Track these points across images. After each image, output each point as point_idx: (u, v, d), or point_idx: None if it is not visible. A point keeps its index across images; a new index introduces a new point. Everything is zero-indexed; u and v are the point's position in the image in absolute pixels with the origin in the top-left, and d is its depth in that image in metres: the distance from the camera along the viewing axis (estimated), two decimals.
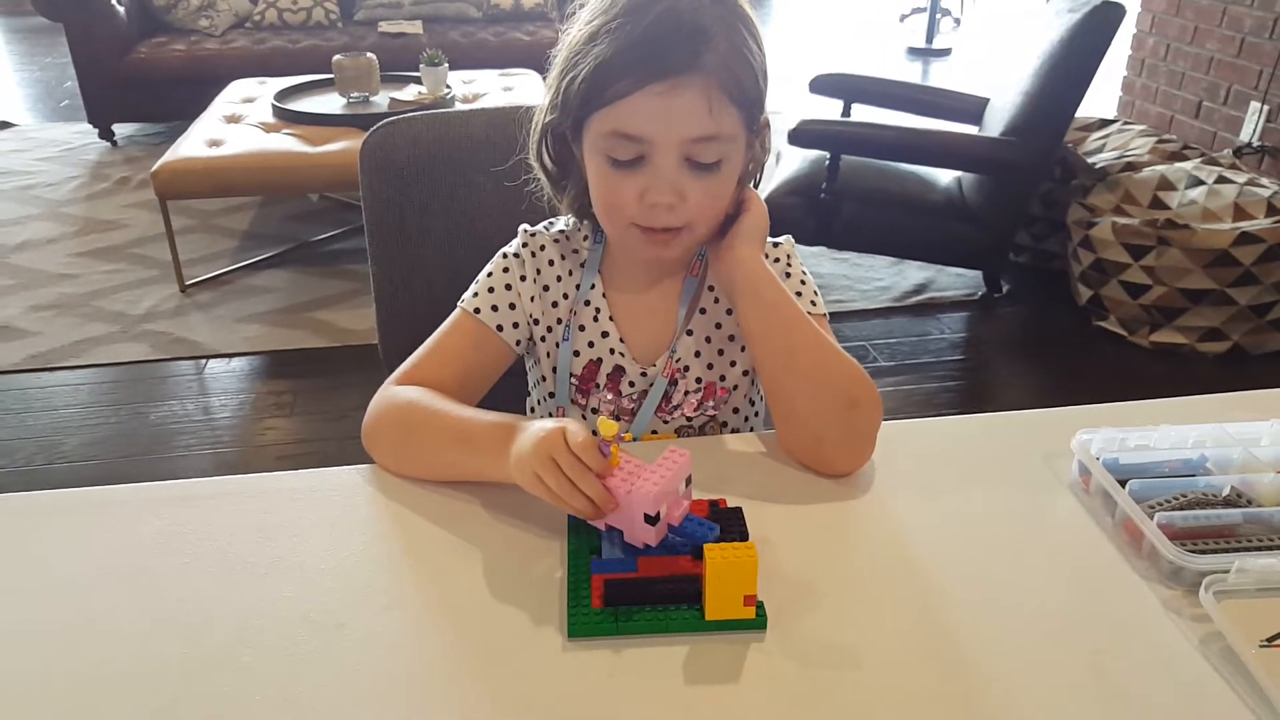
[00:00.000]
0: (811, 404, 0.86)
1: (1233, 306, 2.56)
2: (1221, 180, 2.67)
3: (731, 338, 0.96)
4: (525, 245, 0.96)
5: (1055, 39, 2.57)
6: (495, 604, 0.73)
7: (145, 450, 2.23)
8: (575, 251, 0.97)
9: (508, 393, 1.03)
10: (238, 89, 3.48)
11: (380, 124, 1.19)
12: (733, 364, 0.97)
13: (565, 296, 0.96)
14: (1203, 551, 0.76)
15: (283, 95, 3.21)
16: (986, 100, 2.95)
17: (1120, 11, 2.51)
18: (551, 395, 0.97)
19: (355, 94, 3.12)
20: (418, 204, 1.20)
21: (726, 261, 0.89)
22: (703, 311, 0.96)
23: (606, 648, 0.69)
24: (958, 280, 3.02)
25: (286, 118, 3.07)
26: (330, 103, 3.16)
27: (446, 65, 3.11)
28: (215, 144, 2.92)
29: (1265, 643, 0.69)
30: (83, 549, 0.79)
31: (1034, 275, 3.04)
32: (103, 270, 3.07)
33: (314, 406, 2.38)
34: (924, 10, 6.17)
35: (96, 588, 0.75)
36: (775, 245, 0.97)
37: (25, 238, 3.32)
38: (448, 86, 3.16)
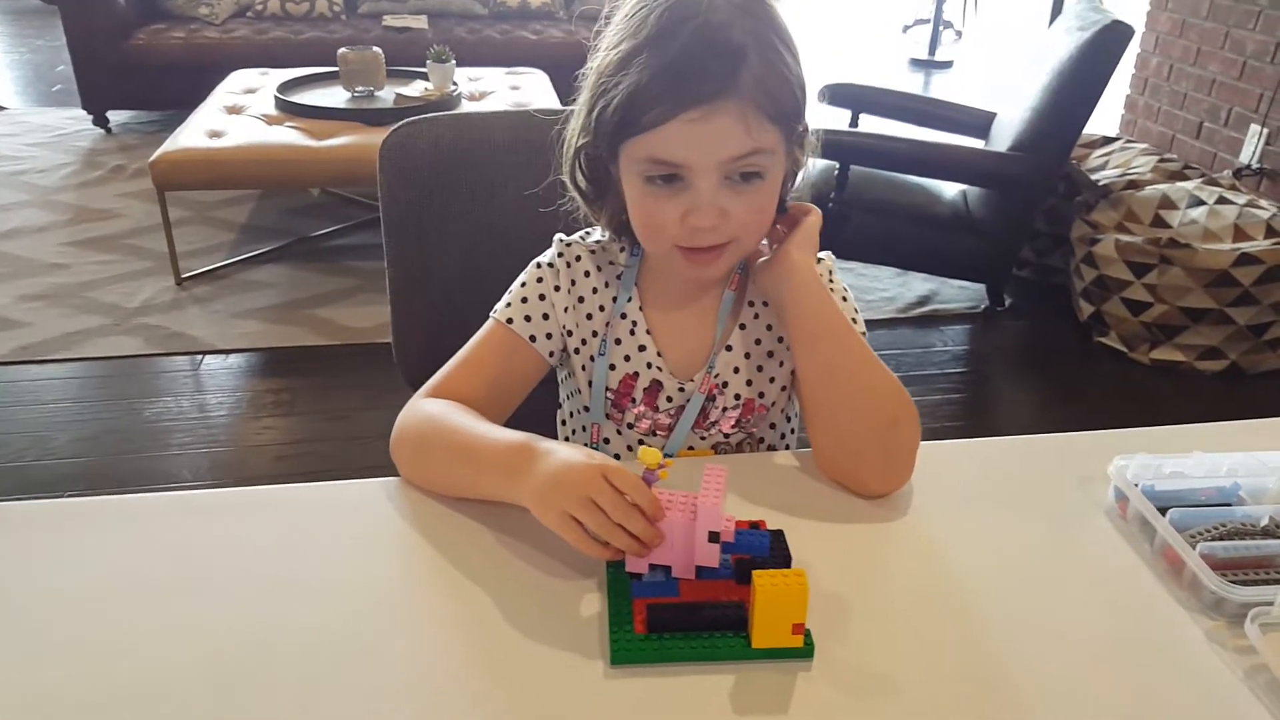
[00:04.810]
0: (852, 420, 0.85)
1: (1231, 326, 2.57)
2: (1222, 201, 2.68)
3: (770, 354, 0.95)
4: (560, 255, 0.95)
5: (1064, 56, 2.57)
6: (532, 628, 0.71)
7: (139, 448, 2.19)
8: (611, 263, 0.96)
9: (539, 404, 1.01)
10: (239, 79, 3.44)
11: (401, 124, 1.18)
12: (771, 380, 0.96)
13: (601, 309, 0.94)
14: (1244, 583, 0.76)
15: (286, 87, 3.18)
16: (993, 115, 2.96)
17: (1129, 32, 2.51)
18: (586, 409, 0.96)
19: (360, 88, 3.10)
20: (437, 206, 1.18)
21: (781, 266, 0.88)
22: (743, 327, 0.95)
23: (649, 675, 0.68)
24: (961, 293, 3.02)
25: (290, 110, 3.04)
26: (334, 96, 3.13)
27: (454, 62, 3.09)
28: (216, 135, 2.89)
29: None
30: (99, 560, 0.77)
31: (1036, 290, 3.05)
32: (96, 261, 3.03)
33: (313, 406, 2.36)
34: (927, 21, 6.18)
35: (112, 599, 0.73)
36: (819, 261, 0.97)
37: (15, 225, 3.27)
38: (454, 83, 3.13)
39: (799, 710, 0.66)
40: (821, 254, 0.98)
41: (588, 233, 0.98)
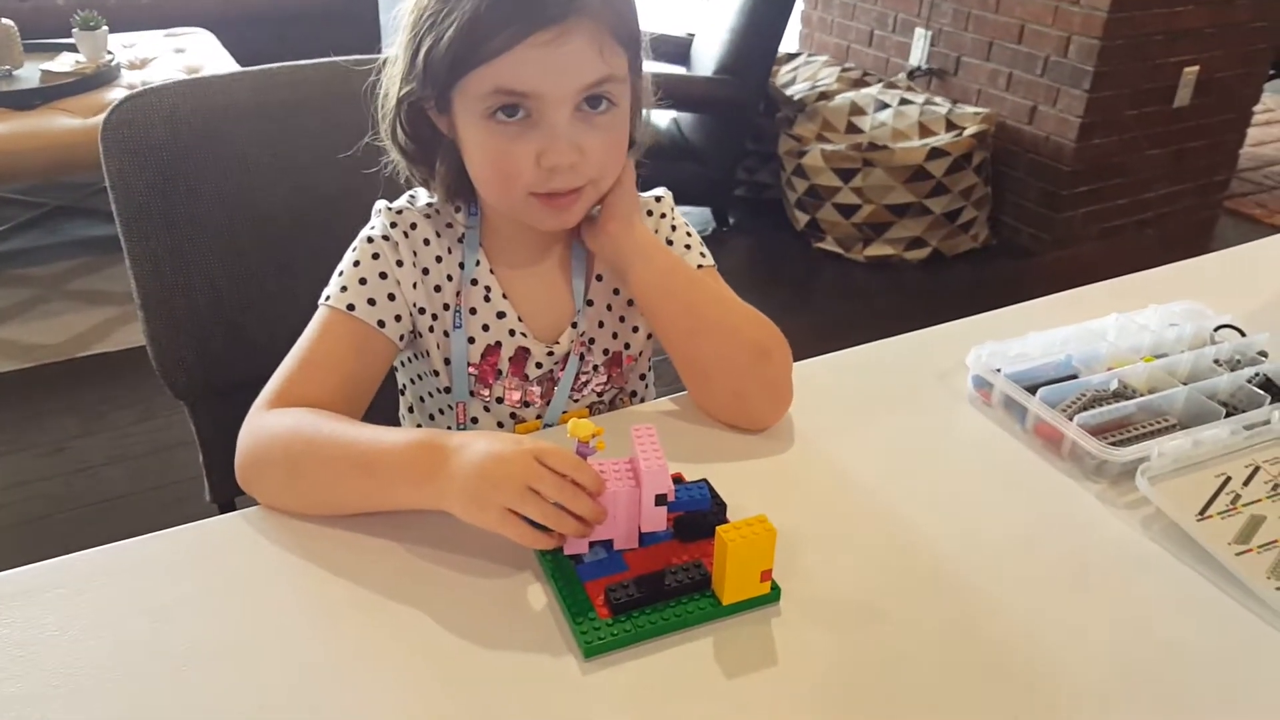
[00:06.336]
0: (723, 362, 0.83)
1: (930, 216, 2.85)
2: (904, 102, 2.94)
3: (630, 301, 0.90)
4: (394, 225, 0.83)
5: None
6: (486, 637, 0.63)
7: None
8: (449, 226, 0.85)
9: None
10: None
11: (124, 99, 1.01)
12: (635, 330, 0.91)
13: (449, 278, 0.84)
14: (1117, 444, 0.82)
15: None
16: (689, 40, 3.03)
17: None
18: (446, 390, 0.86)
19: None
20: (184, 189, 1.02)
21: (600, 243, 0.84)
22: (599, 278, 0.89)
23: (625, 659, 0.63)
24: (689, 219, 3.09)
25: None
26: None
27: (106, 28, 2.67)
28: None
29: (1199, 516, 0.76)
30: None
31: (753, 206, 3.20)
32: None
33: (20, 442, 1.99)
34: None
35: None
36: (658, 200, 0.93)
37: None
38: (109, 52, 2.72)
39: (789, 656, 0.63)
40: (659, 190, 0.95)
41: (413, 196, 0.87)
